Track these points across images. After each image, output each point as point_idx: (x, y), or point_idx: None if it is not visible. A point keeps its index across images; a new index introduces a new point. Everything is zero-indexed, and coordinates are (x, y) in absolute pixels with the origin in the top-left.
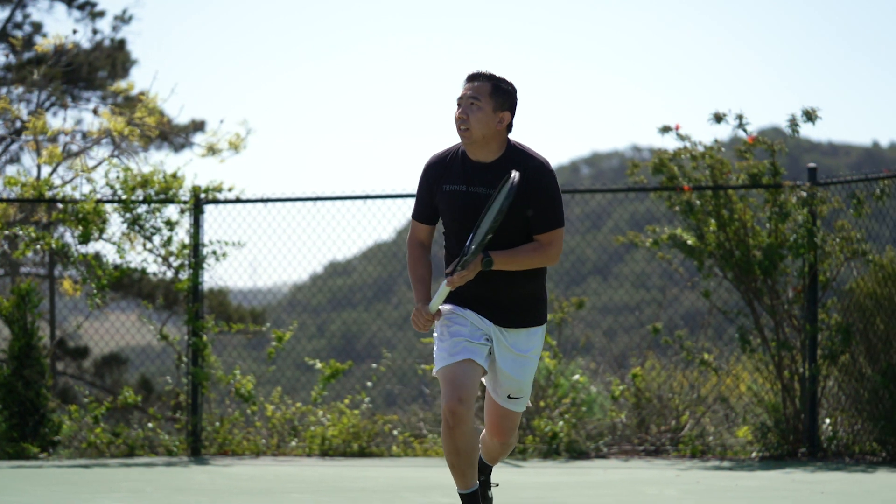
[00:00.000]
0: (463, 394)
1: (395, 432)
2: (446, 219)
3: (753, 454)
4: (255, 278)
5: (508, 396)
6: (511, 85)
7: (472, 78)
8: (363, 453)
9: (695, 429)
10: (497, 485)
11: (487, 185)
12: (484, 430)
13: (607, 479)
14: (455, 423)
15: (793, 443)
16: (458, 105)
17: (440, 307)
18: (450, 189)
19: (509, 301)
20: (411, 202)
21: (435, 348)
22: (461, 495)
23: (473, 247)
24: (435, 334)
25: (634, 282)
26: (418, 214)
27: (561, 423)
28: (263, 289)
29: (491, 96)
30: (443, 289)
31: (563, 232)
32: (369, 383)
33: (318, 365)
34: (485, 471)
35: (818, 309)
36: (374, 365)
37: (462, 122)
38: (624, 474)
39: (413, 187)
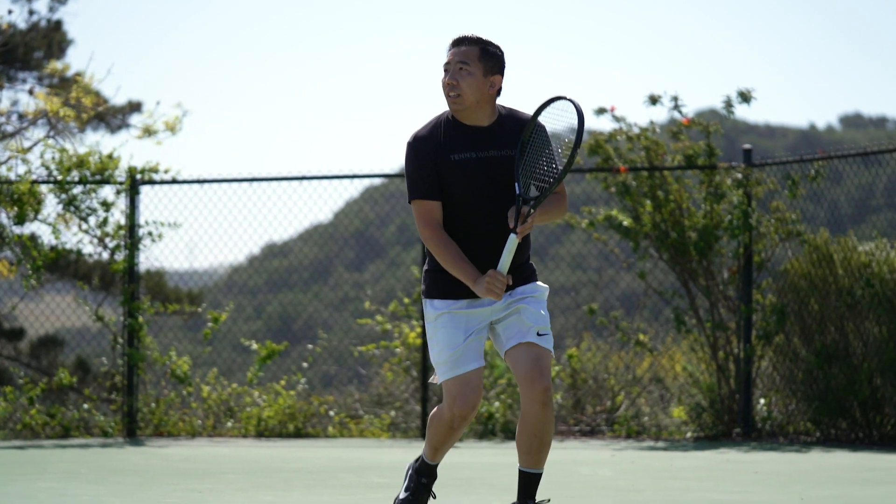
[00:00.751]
0: (475, 400)
1: (331, 413)
2: (458, 190)
3: (688, 434)
4: (192, 260)
5: (538, 333)
6: (498, 48)
7: (458, 42)
8: (299, 434)
9: (630, 409)
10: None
11: (498, 147)
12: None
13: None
14: (460, 425)
15: (727, 423)
16: (445, 71)
17: (432, 313)
18: (458, 158)
19: (511, 271)
20: (347, 183)
21: (436, 352)
22: (428, 466)
23: (545, 187)
24: (429, 333)
25: (571, 263)
26: (428, 192)
27: (497, 403)
28: (200, 270)
29: (480, 60)
30: (511, 244)
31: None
32: (305, 364)
33: (254, 346)
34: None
35: (753, 290)
36: (309, 346)
37: (452, 89)
38: (559, 454)
39: (350, 168)
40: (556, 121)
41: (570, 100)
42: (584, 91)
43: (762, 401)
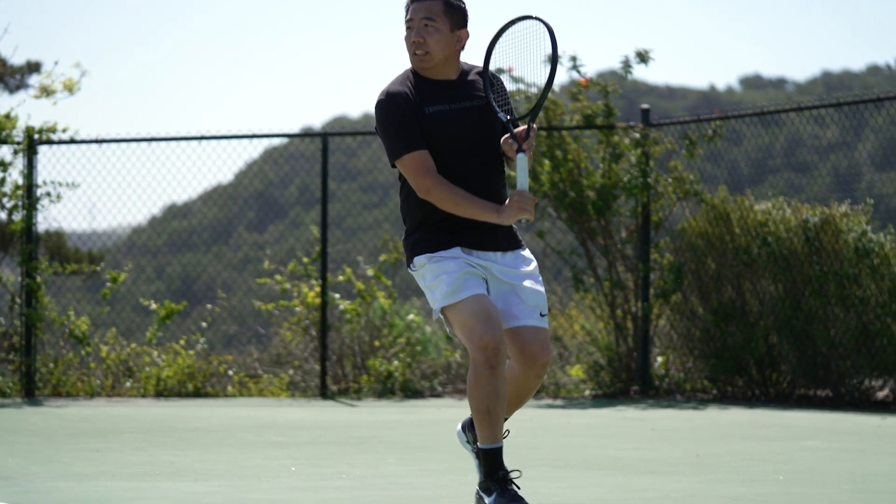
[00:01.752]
0: (500, 324)
1: (230, 373)
2: (436, 145)
3: (586, 392)
4: (92, 221)
5: (541, 314)
6: (462, 0)
7: None
8: (198, 394)
9: None
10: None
11: (470, 98)
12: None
13: (441, 417)
14: (498, 361)
15: (625, 381)
16: (409, 29)
17: (424, 261)
18: (433, 110)
19: (496, 223)
20: (248, 145)
21: (438, 291)
22: (487, 451)
23: (532, 108)
24: (426, 279)
25: None
26: (416, 143)
27: (396, 362)
28: (100, 231)
29: (445, 15)
30: (522, 163)
31: None
32: (204, 324)
33: (153, 306)
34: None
35: (651, 249)
36: (209, 306)
37: (419, 47)
38: (458, 413)
39: (249, 129)
40: (524, 42)
41: (529, 17)
42: (482, 53)
43: (660, 359)
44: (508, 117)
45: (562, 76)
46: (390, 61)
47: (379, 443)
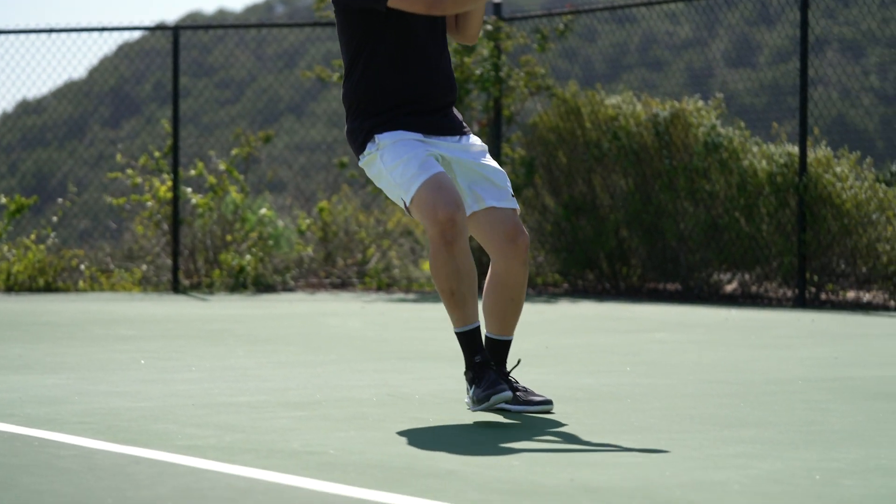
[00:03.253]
0: (459, 200)
1: (82, 267)
2: None
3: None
4: None
5: (511, 195)
6: None
7: None
8: (49, 289)
9: (381, 262)
10: (519, 361)
11: None
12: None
13: (293, 311)
14: (455, 234)
15: (478, 275)
16: None
17: (385, 142)
18: None
19: (450, 102)
20: (99, 38)
21: (398, 173)
22: (462, 334)
23: None
24: (385, 161)
25: (328, 121)
26: None
27: (248, 256)
28: None
29: None
30: None
31: None
32: (55, 218)
33: (3, 200)
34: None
35: (502, 143)
36: (60, 200)
37: None
38: (310, 307)
39: (100, 21)
40: None
41: None
42: None
43: None
44: None
45: None
46: None
47: (229, 336)
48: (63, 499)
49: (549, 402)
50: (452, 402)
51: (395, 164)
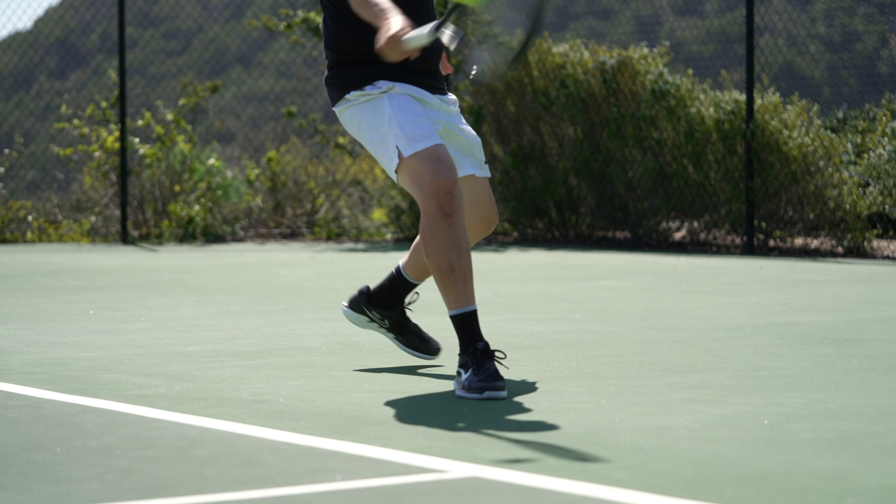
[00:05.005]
0: (454, 169)
1: (29, 219)
2: None
3: (388, 236)
4: None
5: (485, 162)
6: None
7: None
8: None
9: (330, 212)
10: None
11: None
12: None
13: (242, 261)
14: (454, 206)
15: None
16: None
17: (374, 92)
18: None
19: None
20: None
21: (404, 120)
22: (459, 317)
23: None
24: (395, 109)
25: (275, 72)
26: None
27: (197, 207)
28: None
29: None
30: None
31: None
32: (1, 169)
33: None
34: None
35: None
36: (6, 151)
37: None
38: (259, 257)
39: None
40: None
41: None
42: None
43: None
44: None
45: None
46: None
47: (179, 286)
48: (11, 448)
49: (436, 353)
50: (402, 352)
51: (405, 115)
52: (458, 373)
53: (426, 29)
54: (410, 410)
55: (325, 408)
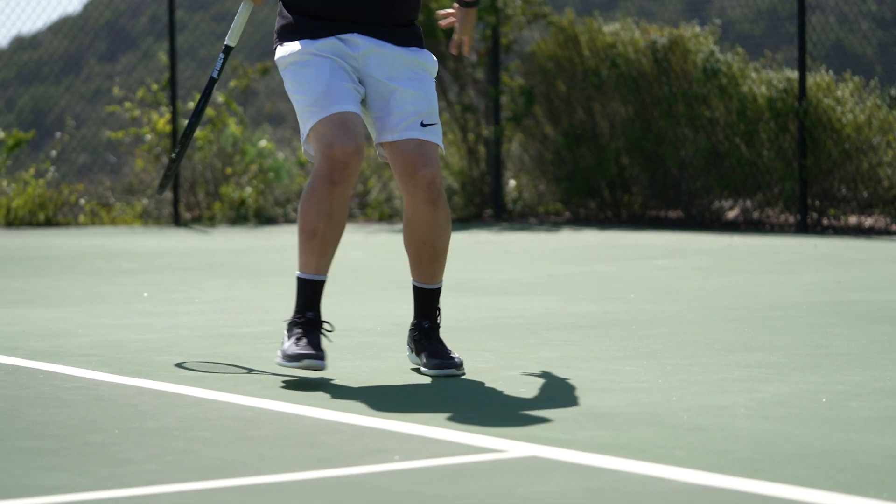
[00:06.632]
0: (359, 141)
1: (81, 202)
2: None
3: None
4: None
5: (422, 124)
6: None
7: None
8: (49, 223)
9: (382, 193)
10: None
11: None
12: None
13: (294, 242)
14: (343, 177)
15: (479, 205)
16: None
17: (290, 54)
18: None
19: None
20: None
21: (298, 103)
22: (304, 281)
23: None
24: (288, 89)
25: None
26: None
27: (249, 189)
28: None
29: None
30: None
31: None
32: (54, 153)
33: (1, 135)
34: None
35: (501, 72)
36: (58, 134)
37: None
38: None
39: None
40: None
41: None
42: None
43: (512, 182)
44: None
45: None
46: None
47: (232, 268)
48: (69, 430)
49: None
50: (457, 331)
51: (296, 88)
52: (283, 340)
53: None
54: (466, 391)
55: (381, 388)
